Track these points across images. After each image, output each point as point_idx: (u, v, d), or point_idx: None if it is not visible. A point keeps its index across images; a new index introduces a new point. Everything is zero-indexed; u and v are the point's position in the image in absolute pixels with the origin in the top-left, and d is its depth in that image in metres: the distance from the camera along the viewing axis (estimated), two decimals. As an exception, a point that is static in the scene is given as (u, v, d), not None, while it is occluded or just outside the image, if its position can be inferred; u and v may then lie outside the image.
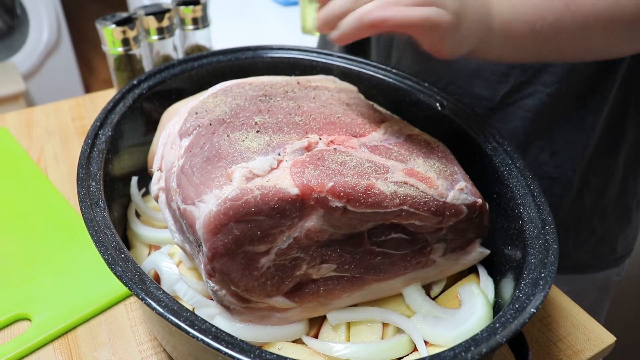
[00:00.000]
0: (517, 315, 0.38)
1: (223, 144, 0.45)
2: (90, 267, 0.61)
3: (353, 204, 0.42)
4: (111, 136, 0.55)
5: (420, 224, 0.46)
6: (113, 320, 0.56)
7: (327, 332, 0.48)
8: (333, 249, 0.44)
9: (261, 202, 0.40)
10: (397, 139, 0.51)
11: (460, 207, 0.47)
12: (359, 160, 0.45)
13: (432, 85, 0.63)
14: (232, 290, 0.43)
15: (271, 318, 0.46)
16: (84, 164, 0.50)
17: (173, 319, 0.38)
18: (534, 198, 0.49)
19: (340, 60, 0.68)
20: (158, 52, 0.87)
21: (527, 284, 0.41)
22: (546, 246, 0.44)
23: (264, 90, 0.53)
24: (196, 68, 0.66)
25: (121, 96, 0.60)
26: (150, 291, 0.39)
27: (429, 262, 0.49)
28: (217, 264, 0.41)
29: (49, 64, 2.23)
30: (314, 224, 0.42)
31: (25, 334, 0.54)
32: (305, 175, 0.42)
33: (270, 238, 0.41)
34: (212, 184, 0.41)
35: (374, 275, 0.47)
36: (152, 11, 0.82)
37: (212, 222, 0.40)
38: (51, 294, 0.58)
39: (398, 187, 0.44)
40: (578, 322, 0.56)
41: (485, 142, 0.55)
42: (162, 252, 0.53)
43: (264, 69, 0.69)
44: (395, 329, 0.47)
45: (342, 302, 0.47)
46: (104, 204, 0.47)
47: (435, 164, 0.48)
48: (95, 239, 0.43)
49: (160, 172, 0.51)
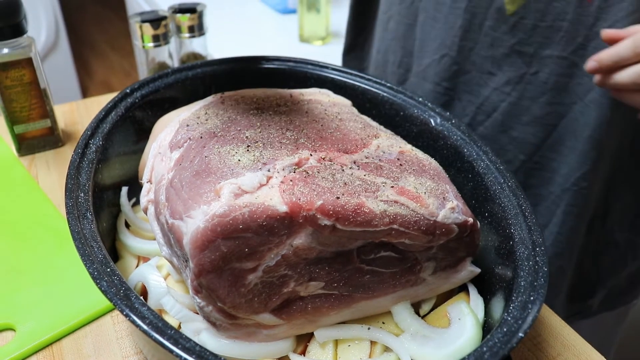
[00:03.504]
0: (505, 340, 0.38)
1: (213, 159, 0.44)
2: (77, 278, 0.60)
3: (342, 222, 0.41)
4: (102, 145, 0.54)
5: (410, 243, 0.45)
6: (99, 332, 0.55)
7: (315, 349, 0.47)
8: (321, 266, 0.44)
9: (249, 220, 0.39)
10: (389, 156, 0.50)
11: (451, 226, 0.46)
12: (350, 178, 0.45)
13: (425, 100, 0.63)
14: (219, 306, 0.42)
15: (258, 335, 0.45)
16: (73, 174, 0.50)
17: (157, 336, 0.37)
18: (526, 218, 0.48)
19: (334, 72, 0.68)
20: (153, 59, 0.86)
21: (516, 307, 0.41)
22: (536, 268, 0.43)
23: (256, 103, 0.53)
24: (190, 77, 0.66)
25: (113, 105, 0.60)
26: (134, 307, 0.39)
27: (419, 280, 0.49)
28: (204, 280, 0.41)
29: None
30: (302, 241, 0.42)
31: (9, 345, 0.53)
32: (295, 193, 0.41)
33: (258, 255, 0.41)
34: (200, 200, 0.41)
35: (363, 293, 0.47)
36: (148, 18, 0.82)
37: (199, 239, 0.39)
38: (37, 304, 0.57)
39: (388, 205, 0.43)
40: (568, 343, 0.56)
41: (477, 160, 0.55)
42: (151, 264, 0.52)
43: (259, 79, 0.68)
44: (383, 348, 0.47)
45: (330, 320, 0.47)
46: (91, 216, 0.47)
47: (427, 182, 0.48)
48: (81, 252, 0.43)
49: (150, 184, 0.51)
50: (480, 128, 0.75)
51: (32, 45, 0.73)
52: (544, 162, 0.72)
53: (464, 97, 0.75)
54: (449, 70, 0.74)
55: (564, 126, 0.69)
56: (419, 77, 0.79)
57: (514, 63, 0.68)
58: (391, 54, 0.84)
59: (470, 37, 0.70)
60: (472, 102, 0.74)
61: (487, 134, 0.74)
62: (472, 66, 0.72)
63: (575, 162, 0.69)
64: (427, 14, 0.75)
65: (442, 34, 0.73)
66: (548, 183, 0.73)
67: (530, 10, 0.64)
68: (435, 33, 0.74)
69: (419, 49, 0.78)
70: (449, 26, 0.72)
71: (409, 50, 0.81)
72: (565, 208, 0.72)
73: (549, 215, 0.74)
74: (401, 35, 0.81)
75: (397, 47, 0.82)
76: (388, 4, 0.83)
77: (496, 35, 0.68)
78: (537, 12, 0.64)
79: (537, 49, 0.66)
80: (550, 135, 0.70)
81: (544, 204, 0.74)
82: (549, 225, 0.74)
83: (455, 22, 0.71)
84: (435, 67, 0.76)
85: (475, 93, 0.73)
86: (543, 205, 0.74)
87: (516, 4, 0.63)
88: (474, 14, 0.69)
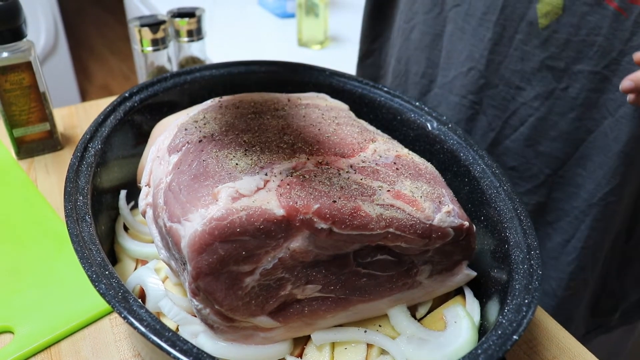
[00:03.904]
0: (500, 342, 0.38)
1: (211, 162, 0.45)
2: (75, 280, 0.60)
3: (339, 226, 0.42)
4: (101, 149, 0.55)
5: (406, 246, 0.46)
6: (97, 334, 0.56)
7: (312, 352, 0.47)
8: (318, 269, 0.44)
9: (246, 223, 0.40)
10: (386, 160, 0.51)
11: (446, 230, 0.47)
12: (346, 182, 0.45)
13: (422, 104, 0.63)
14: (216, 309, 0.43)
15: (255, 337, 0.45)
16: (72, 178, 0.50)
17: (154, 338, 0.38)
18: (521, 222, 0.49)
19: (332, 77, 0.68)
20: (152, 63, 0.87)
21: (511, 310, 0.41)
22: (531, 272, 0.44)
23: (254, 107, 0.54)
24: (189, 82, 0.67)
25: (112, 108, 0.60)
26: (133, 310, 0.39)
27: (415, 283, 0.49)
28: (202, 283, 0.41)
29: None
30: (299, 244, 0.42)
31: (7, 347, 0.53)
32: (292, 197, 0.42)
33: (255, 258, 0.41)
34: (198, 203, 0.41)
35: (359, 296, 0.47)
36: (147, 22, 0.83)
37: (197, 242, 0.40)
38: (35, 307, 0.57)
39: (384, 209, 0.44)
40: (564, 346, 0.56)
41: (473, 164, 0.56)
42: (149, 267, 0.52)
43: (257, 83, 0.69)
44: (379, 350, 0.47)
45: (326, 323, 0.47)
46: (90, 219, 0.47)
47: (423, 185, 0.48)
48: (80, 254, 0.43)
49: (149, 188, 0.51)
50: (506, 142, 0.73)
51: (31, 49, 0.74)
52: (568, 176, 0.71)
53: (489, 111, 0.73)
54: (476, 84, 0.73)
55: (591, 141, 0.68)
56: (445, 89, 0.78)
57: (544, 78, 0.67)
58: (413, 64, 0.83)
59: (499, 50, 0.69)
60: (499, 116, 0.73)
61: (512, 148, 0.73)
62: (500, 80, 0.71)
63: (603, 178, 0.68)
64: (455, 25, 0.74)
65: (470, 46, 0.72)
66: (572, 198, 0.72)
67: (564, 24, 0.63)
68: (462, 45, 0.73)
69: (445, 60, 0.77)
70: (478, 39, 0.71)
71: (433, 61, 0.79)
72: (591, 223, 0.70)
73: (572, 230, 0.73)
74: (425, 46, 0.79)
75: (420, 58, 0.81)
76: (411, 13, 0.81)
77: (527, 49, 0.66)
78: (571, 27, 0.62)
79: (569, 63, 0.64)
80: (577, 150, 0.69)
81: (566, 219, 0.73)
82: (572, 240, 0.73)
83: (484, 35, 0.70)
84: (462, 79, 0.75)
85: (502, 107, 0.72)
86: (566, 220, 0.73)
87: (549, 17, 0.62)
88: (504, 27, 0.67)
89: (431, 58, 0.80)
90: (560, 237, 0.74)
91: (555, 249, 0.75)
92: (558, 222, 0.74)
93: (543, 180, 0.73)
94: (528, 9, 0.64)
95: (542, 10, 0.63)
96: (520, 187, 0.74)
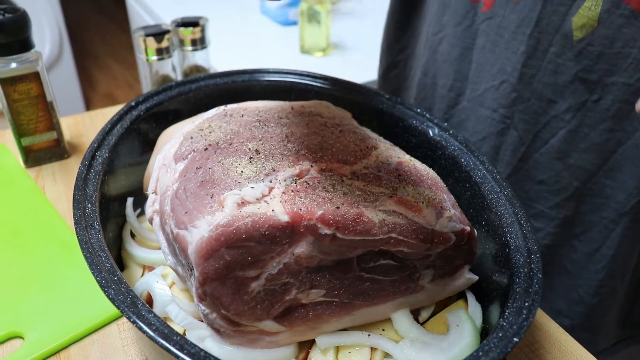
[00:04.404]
0: (501, 345, 0.39)
1: (216, 170, 0.46)
2: (83, 286, 0.61)
3: (342, 231, 0.43)
4: (108, 157, 0.56)
5: (408, 251, 0.47)
6: (105, 339, 0.56)
7: (316, 355, 0.48)
8: (322, 274, 0.45)
9: (252, 229, 0.41)
10: (388, 166, 0.52)
11: (448, 235, 0.47)
12: (350, 188, 0.46)
13: (424, 110, 0.64)
14: (223, 314, 0.43)
15: (260, 341, 0.46)
16: (81, 186, 0.51)
17: (163, 342, 0.38)
18: (521, 226, 0.50)
19: (334, 85, 0.69)
20: (157, 72, 0.88)
21: (512, 313, 0.42)
22: (531, 275, 0.45)
23: (258, 116, 0.55)
24: (193, 90, 0.68)
25: (119, 117, 0.61)
26: (141, 314, 0.40)
27: (418, 288, 0.50)
28: (208, 288, 0.42)
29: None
30: (303, 250, 0.43)
31: (17, 352, 0.54)
32: (296, 203, 0.42)
33: (261, 264, 0.42)
34: (204, 210, 0.42)
35: (363, 301, 0.48)
36: (151, 32, 0.84)
37: (203, 248, 0.41)
38: (44, 312, 0.58)
39: (387, 215, 0.45)
40: (566, 349, 0.57)
41: (474, 170, 0.57)
42: (156, 273, 0.53)
43: (260, 92, 0.70)
44: (383, 354, 0.48)
45: (331, 327, 0.48)
46: (99, 226, 0.48)
47: (425, 191, 0.49)
48: (89, 261, 0.44)
49: (155, 195, 0.52)
50: (536, 155, 0.72)
51: (39, 60, 0.75)
52: (597, 188, 0.70)
53: (520, 125, 0.72)
54: (508, 97, 0.72)
55: (621, 153, 0.67)
56: (475, 103, 0.78)
57: (577, 90, 0.66)
58: (441, 77, 0.82)
59: (532, 63, 0.68)
60: (530, 130, 0.72)
61: (542, 161, 0.72)
62: (532, 94, 0.70)
63: (634, 188, 0.67)
64: (487, 38, 0.73)
65: (502, 59, 0.71)
66: (600, 209, 0.71)
67: (598, 37, 0.62)
68: (494, 58, 0.72)
69: (474, 73, 0.76)
70: (510, 52, 0.70)
71: (462, 74, 0.79)
72: (622, 231, 0.70)
73: (601, 239, 0.72)
74: (454, 59, 0.79)
75: (449, 70, 0.80)
76: (439, 25, 0.80)
77: (560, 62, 0.66)
78: (606, 39, 0.62)
79: (602, 76, 0.64)
80: (606, 162, 0.68)
81: (595, 229, 0.72)
82: (601, 248, 0.72)
83: (518, 48, 0.69)
84: (493, 93, 0.74)
85: (533, 121, 0.71)
86: (594, 230, 0.72)
87: (585, 30, 0.61)
88: (539, 40, 0.67)
89: (460, 71, 0.79)
90: (587, 247, 0.73)
91: (582, 259, 0.74)
92: (585, 234, 0.73)
93: (571, 193, 0.72)
94: (563, 21, 0.64)
95: (577, 23, 0.62)
96: (549, 201, 0.73)
